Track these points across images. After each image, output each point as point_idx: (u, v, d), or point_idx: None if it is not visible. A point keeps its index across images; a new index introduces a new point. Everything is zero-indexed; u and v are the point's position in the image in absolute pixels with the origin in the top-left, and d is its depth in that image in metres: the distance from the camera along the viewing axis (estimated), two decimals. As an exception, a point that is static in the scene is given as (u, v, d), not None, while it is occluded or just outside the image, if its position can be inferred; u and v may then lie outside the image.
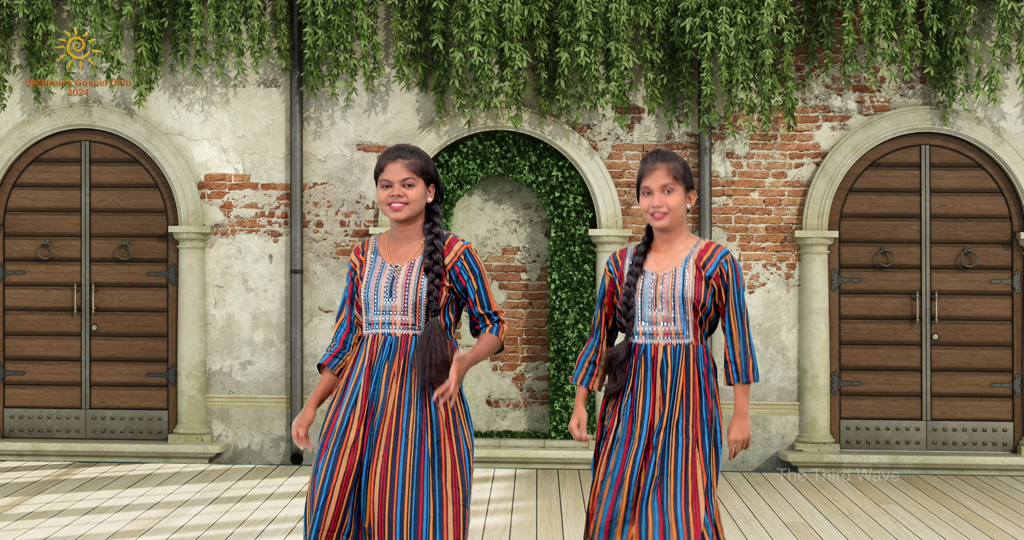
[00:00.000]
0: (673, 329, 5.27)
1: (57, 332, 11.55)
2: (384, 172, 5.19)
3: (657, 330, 5.28)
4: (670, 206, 5.26)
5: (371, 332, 5.20)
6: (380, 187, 5.21)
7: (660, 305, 5.26)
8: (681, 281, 5.27)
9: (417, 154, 5.21)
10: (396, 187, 5.17)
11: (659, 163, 5.28)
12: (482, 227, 11.56)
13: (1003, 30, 10.67)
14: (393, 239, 5.28)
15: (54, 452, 11.29)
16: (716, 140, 11.29)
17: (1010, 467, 10.93)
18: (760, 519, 8.97)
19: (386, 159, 5.21)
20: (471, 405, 11.56)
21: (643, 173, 5.29)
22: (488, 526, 8.61)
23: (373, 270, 5.24)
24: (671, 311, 5.26)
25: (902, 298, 11.24)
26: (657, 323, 5.27)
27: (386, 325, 5.18)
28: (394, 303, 5.17)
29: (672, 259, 5.34)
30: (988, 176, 11.21)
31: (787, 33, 10.84)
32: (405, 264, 5.22)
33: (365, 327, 5.23)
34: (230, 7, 10.93)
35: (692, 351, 5.29)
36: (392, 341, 5.18)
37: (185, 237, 11.32)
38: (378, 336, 5.18)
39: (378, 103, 11.38)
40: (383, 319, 5.18)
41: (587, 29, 10.74)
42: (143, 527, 8.48)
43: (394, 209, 5.17)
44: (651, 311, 5.27)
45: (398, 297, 5.16)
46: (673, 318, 5.27)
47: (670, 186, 5.26)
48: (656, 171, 5.27)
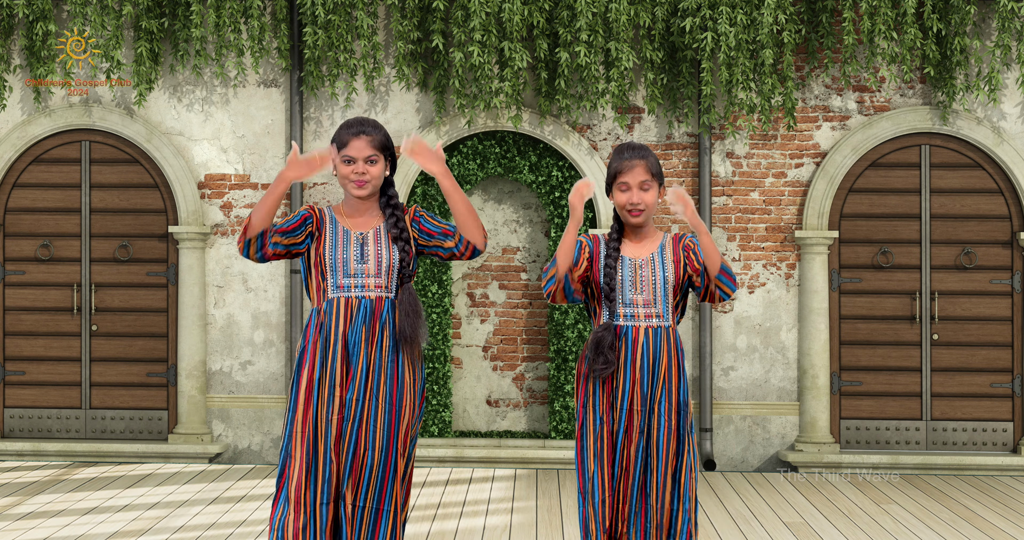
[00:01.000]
0: (654, 311, 5.31)
1: (57, 332, 11.55)
2: (348, 148, 5.19)
3: (638, 312, 5.30)
4: (647, 203, 5.29)
5: (341, 295, 5.22)
6: (342, 161, 5.21)
7: (641, 287, 5.28)
8: (661, 265, 5.31)
9: (378, 129, 5.23)
10: (360, 164, 5.20)
11: (637, 159, 5.27)
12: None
13: (1003, 30, 10.67)
14: (350, 209, 5.31)
15: (54, 452, 11.29)
16: (716, 140, 11.29)
17: (1010, 467, 10.93)
18: (760, 519, 8.97)
19: (348, 134, 5.20)
20: (471, 405, 11.56)
21: (620, 168, 5.27)
22: (488, 526, 8.62)
23: (336, 235, 5.26)
24: (651, 294, 5.29)
25: (902, 298, 11.24)
26: (638, 306, 5.29)
27: (359, 288, 5.22)
28: (366, 267, 5.22)
29: (647, 248, 5.37)
30: (988, 176, 11.21)
31: (787, 33, 10.84)
32: (371, 231, 5.28)
33: (332, 290, 5.23)
34: (230, 7, 10.93)
35: (672, 334, 5.34)
36: (367, 303, 5.22)
37: (185, 237, 11.33)
38: (351, 299, 5.21)
39: (378, 103, 11.38)
40: (355, 282, 5.22)
41: (587, 29, 10.74)
42: (143, 527, 8.48)
43: (358, 185, 5.21)
44: (632, 294, 5.29)
45: (371, 261, 5.22)
46: (654, 301, 5.29)
47: (648, 183, 5.27)
48: (635, 167, 5.26)
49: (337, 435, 5.16)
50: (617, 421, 5.27)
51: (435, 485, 10.22)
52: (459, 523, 8.71)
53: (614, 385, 5.29)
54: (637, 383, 5.27)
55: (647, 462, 5.27)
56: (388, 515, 5.21)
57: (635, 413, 5.26)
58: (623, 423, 5.27)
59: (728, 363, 11.24)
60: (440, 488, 10.08)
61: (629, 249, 5.37)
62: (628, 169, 5.26)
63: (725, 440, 11.24)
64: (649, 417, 5.26)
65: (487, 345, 11.54)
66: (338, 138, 5.23)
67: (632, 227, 5.36)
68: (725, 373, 11.24)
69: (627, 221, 5.32)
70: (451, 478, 10.57)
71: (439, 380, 11.33)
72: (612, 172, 5.30)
